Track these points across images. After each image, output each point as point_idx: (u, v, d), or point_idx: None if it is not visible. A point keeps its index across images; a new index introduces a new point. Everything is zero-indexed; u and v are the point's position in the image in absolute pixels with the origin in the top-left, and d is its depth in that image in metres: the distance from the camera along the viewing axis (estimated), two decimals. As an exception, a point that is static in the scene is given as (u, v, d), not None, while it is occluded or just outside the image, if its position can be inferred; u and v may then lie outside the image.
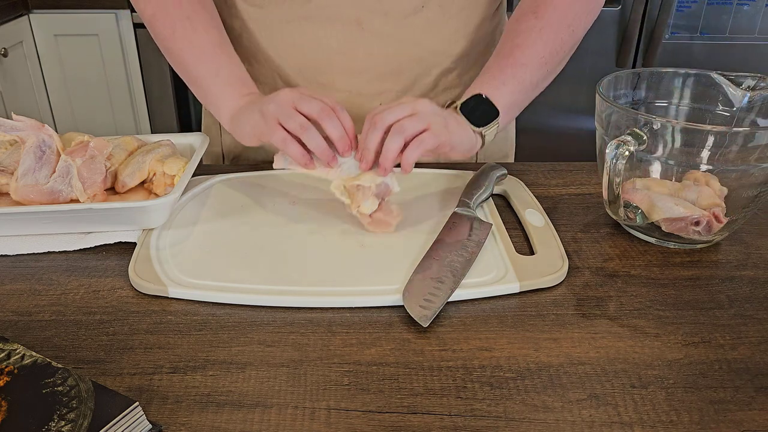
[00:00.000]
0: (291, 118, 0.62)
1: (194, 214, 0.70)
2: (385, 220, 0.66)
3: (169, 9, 0.73)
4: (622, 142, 0.59)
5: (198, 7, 0.74)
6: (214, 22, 0.75)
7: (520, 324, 0.55)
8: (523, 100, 0.73)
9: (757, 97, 0.68)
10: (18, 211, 0.63)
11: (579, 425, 0.45)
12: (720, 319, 0.56)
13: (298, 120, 0.62)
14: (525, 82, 0.71)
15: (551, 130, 1.95)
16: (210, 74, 0.73)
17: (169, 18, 0.73)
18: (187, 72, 0.74)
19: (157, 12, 0.73)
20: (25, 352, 0.45)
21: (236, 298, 0.57)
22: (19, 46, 1.93)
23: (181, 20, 0.73)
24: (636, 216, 0.64)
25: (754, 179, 0.61)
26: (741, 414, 0.46)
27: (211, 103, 0.74)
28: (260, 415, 0.45)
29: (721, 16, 1.80)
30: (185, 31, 0.73)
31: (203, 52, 0.73)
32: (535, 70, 0.71)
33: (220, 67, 0.73)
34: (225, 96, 0.72)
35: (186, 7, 0.73)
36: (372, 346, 0.52)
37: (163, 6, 0.73)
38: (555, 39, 0.71)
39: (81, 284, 0.60)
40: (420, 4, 0.74)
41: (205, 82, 0.73)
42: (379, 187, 0.66)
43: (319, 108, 0.62)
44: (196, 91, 0.76)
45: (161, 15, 0.73)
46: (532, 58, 0.71)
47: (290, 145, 0.63)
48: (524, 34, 0.72)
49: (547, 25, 0.71)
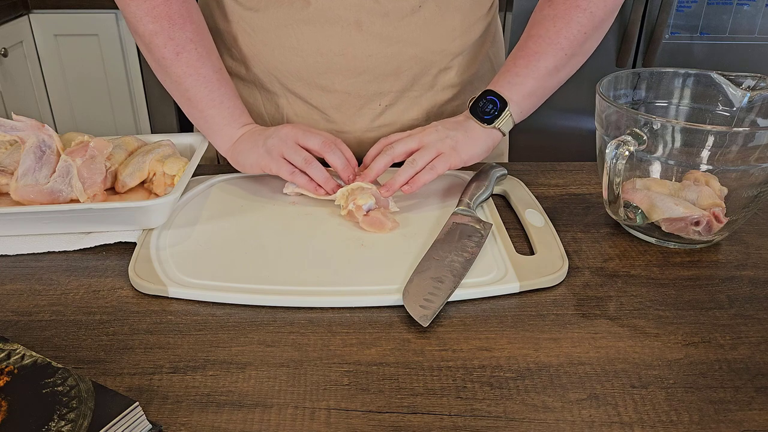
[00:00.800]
0: (296, 154, 0.69)
1: (194, 214, 0.70)
2: (381, 220, 0.66)
3: (174, 31, 0.72)
4: (622, 142, 0.59)
5: (199, 29, 0.74)
6: (212, 46, 0.76)
7: (520, 324, 0.55)
8: (543, 87, 0.74)
9: (757, 97, 0.68)
10: (18, 211, 0.63)
11: (579, 425, 0.45)
12: (720, 319, 0.56)
13: (302, 155, 0.69)
14: (540, 69, 0.73)
15: (551, 130, 1.95)
16: (214, 102, 0.74)
17: (172, 41, 0.72)
18: (186, 94, 0.74)
19: (160, 31, 0.72)
20: (25, 352, 0.45)
21: (236, 298, 0.57)
22: (19, 46, 1.93)
23: (184, 44, 0.72)
24: (636, 216, 0.64)
25: (754, 179, 0.61)
26: (741, 414, 0.46)
27: (208, 128, 0.76)
28: (260, 415, 0.45)
29: (721, 16, 1.80)
30: (190, 56, 0.73)
31: (208, 80, 0.74)
32: (551, 56, 0.72)
33: (223, 97, 0.75)
34: (227, 125, 0.75)
35: (188, 30, 0.73)
36: (372, 346, 0.52)
37: (167, 26, 0.72)
38: (570, 23, 0.72)
39: (81, 284, 0.60)
40: (417, 4, 0.75)
41: (208, 110, 0.75)
42: (378, 194, 0.68)
43: (321, 141, 0.69)
44: (191, 112, 0.76)
45: (164, 36, 0.72)
46: (548, 46, 0.72)
47: (298, 176, 0.70)
48: (538, 25, 0.74)
49: (560, 12, 0.73)
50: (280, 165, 0.69)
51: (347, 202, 0.67)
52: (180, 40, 0.72)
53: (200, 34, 0.74)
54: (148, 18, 0.71)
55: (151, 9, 0.71)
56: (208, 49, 0.75)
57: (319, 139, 0.70)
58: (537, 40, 0.73)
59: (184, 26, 0.73)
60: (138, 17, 0.71)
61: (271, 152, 0.70)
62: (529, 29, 0.75)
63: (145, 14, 0.71)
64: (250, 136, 0.74)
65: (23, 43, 1.95)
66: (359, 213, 0.66)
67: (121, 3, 0.72)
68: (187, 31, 0.73)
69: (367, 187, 0.67)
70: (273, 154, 0.70)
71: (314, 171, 0.69)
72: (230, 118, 0.75)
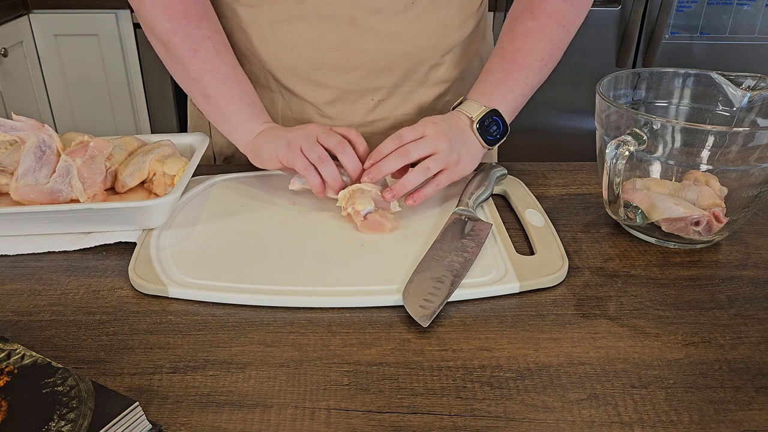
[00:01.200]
0: (312, 149, 0.69)
1: (194, 214, 0.70)
2: (380, 221, 0.66)
3: (191, 28, 0.72)
4: (622, 142, 0.59)
5: (214, 26, 0.75)
6: (227, 43, 0.77)
7: (520, 324, 0.55)
8: (524, 103, 0.77)
9: (757, 97, 0.68)
10: (18, 211, 0.63)
11: (579, 425, 0.45)
12: (720, 319, 0.56)
13: (317, 151, 0.68)
14: (528, 86, 0.75)
15: (551, 130, 1.95)
16: (233, 99, 0.75)
17: (189, 38, 0.72)
18: (204, 91, 0.74)
19: (176, 29, 0.72)
20: (25, 352, 0.45)
21: (236, 298, 0.57)
22: (19, 46, 1.93)
23: (201, 41, 0.73)
24: (636, 216, 0.64)
25: (754, 179, 0.61)
26: (741, 414, 0.46)
27: (227, 124, 0.76)
28: (260, 415, 0.45)
29: (721, 16, 1.80)
30: (208, 53, 0.73)
31: (227, 77, 0.74)
32: (536, 72, 0.75)
33: (242, 94, 0.75)
34: (248, 120, 0.75)
35: (204, 27, 0.73)
36: (372, 346, 0.52)
37: (183, 24, 0.72)
38: (552, 39, 0.75)
39: (81, 284, 0.60)
40: (410, 0, 0.76)
41: (228, 107, 0.75)
42: (377, 197, 0.67)
43: (336, 141, 0.69)
44: (210, 109, 0.76)
45: (181, 33, 0.72)
46: (534, 61, 0.74)
47: (311, 173, 0.69)
48: (523, 37, 0.75)
49: (544, 26, 0.74)
50: (296, 157, 0.69)
51: (347, 205, 0.67)
52: (197, 38, 0.72)
53: (216, 31, 0.75)
54: (165, 16, 0.71)
55: (167, 7, 0.71)
56: (225, 45, 0.75)
57: (335, 139, 0.69)
58: (524, 55, 0.74)
59: (201, 23, 0.73)
60: (154, 16, 0.72)
61: (291, 144, 0.69)
62: (514, 41, 0.75)
63: (161, 12, 0.71)
64: (272, 130, 0.74)
65: (23, 43, 1.94)
66: (357, 218, 0.66)
67: (137, 3, 0.72)
68: (204, 28, 0.73)
69: (367, 189, 0.67)
70: (292, 146, 0.69)
71: (326, 169, 0.68)
72: (251, 114, 0.75)
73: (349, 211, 0.67)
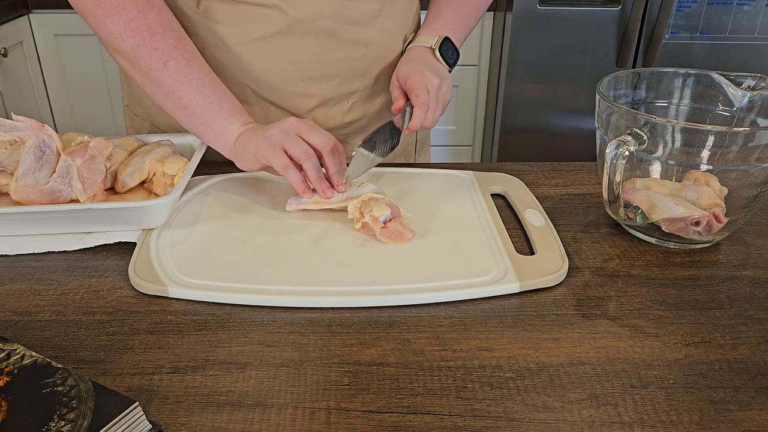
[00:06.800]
0: (296, 145, 0.67)
1: (194, 214, 0.70)
2: (401, 231, 0.64)
3: (156, 41, 0.70)
4: (622, 142, 0.59)
5: (180, 35, 0.72)
6: (196, 51, 0.74)
7: (520, 324, 0.55)
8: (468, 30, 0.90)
9: (757, 97, 0.68)
10: (18, 211, 0.63)
11: (579, 425, 0.45)
12: (720, 319, 0.56)
13: (302, 147, 0.67)
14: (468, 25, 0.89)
15: (551, 130, 1.95)
16: (212, 106, 0.72)
17: (157, 51, 0.70)
18: (180, 103, 0.72)
19: (142, 44, 0.69)
20: (25, 352, 0.45)
21: (236, 298, 0.57)
22: (19, 46, 1.93)
23: (170, 52, 0.70)
24: (636, 216, 0.64)
25: (754, 179, 0.61)
26: (741, 414, 0.46)
27: (209, 132, 0.73)
28: (260, 415, 0.45)
29: (721, 16, 1.80)
30: (178, 63, 0.71)
31: (201, 85, 0.72)
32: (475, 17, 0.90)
33: (221, 99, 0.73)
34: (229, 124, 0.73)
35: (170, 37, 0.71)
36: (372, 346, 0.52)
37: (148, 37, 0.69)
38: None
39: (81, 284, 0.60)
40: (378, 8, 0.81)
41: (207, 114, 0.72)
42: (392, 203, 0.66)
43: (325, 140, 0.68)
44: (188, 120, 0.73)
45: (147, 47, 0.70)
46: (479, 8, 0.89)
47: (291, 171, 0.67)
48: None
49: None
50: (276, 155, 0.67)
51: (361, 215, 0.66)
52: (165, 49, 0.70)
53: (182, 41, 0.72)
54: (127, 32, 0.69)
55: (129, 22, 0.69)
56: (194, 54, 0.73)
57: (324, 138, 0.68)
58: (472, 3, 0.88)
59: (166, 35, 0.71)
60: (116, 34, 0.69)
61: (269, 140, 0.67)
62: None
63: (123, 29, 0.69)
64: (252, 129, 0.72)
65: (23, 43, 1.94)
66: (377, 225, 0.64)
67: (96, 24, 0.70)
68: (170, 39, 0.71)
69: (380, 196, 0.66)
70: (272, 142, 0.67)
71: (310, 167, 0.67)
72: (231, 118, 0.73)
73: (366, 219, 0.65)
